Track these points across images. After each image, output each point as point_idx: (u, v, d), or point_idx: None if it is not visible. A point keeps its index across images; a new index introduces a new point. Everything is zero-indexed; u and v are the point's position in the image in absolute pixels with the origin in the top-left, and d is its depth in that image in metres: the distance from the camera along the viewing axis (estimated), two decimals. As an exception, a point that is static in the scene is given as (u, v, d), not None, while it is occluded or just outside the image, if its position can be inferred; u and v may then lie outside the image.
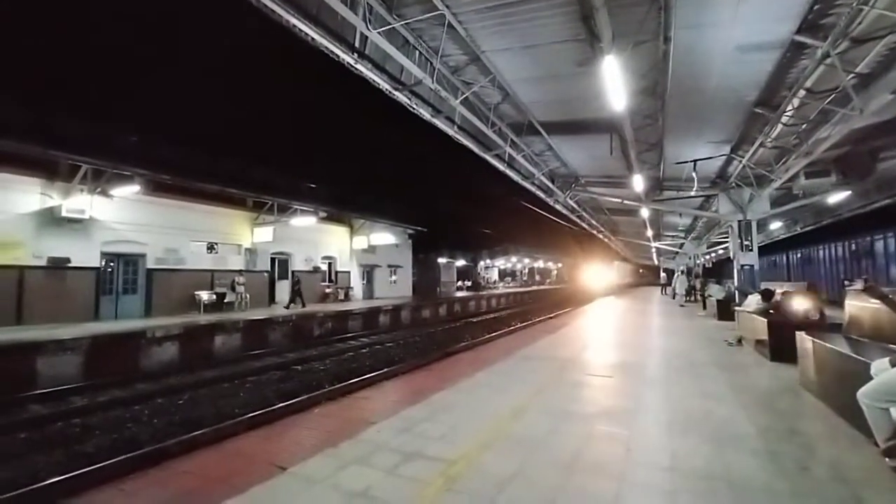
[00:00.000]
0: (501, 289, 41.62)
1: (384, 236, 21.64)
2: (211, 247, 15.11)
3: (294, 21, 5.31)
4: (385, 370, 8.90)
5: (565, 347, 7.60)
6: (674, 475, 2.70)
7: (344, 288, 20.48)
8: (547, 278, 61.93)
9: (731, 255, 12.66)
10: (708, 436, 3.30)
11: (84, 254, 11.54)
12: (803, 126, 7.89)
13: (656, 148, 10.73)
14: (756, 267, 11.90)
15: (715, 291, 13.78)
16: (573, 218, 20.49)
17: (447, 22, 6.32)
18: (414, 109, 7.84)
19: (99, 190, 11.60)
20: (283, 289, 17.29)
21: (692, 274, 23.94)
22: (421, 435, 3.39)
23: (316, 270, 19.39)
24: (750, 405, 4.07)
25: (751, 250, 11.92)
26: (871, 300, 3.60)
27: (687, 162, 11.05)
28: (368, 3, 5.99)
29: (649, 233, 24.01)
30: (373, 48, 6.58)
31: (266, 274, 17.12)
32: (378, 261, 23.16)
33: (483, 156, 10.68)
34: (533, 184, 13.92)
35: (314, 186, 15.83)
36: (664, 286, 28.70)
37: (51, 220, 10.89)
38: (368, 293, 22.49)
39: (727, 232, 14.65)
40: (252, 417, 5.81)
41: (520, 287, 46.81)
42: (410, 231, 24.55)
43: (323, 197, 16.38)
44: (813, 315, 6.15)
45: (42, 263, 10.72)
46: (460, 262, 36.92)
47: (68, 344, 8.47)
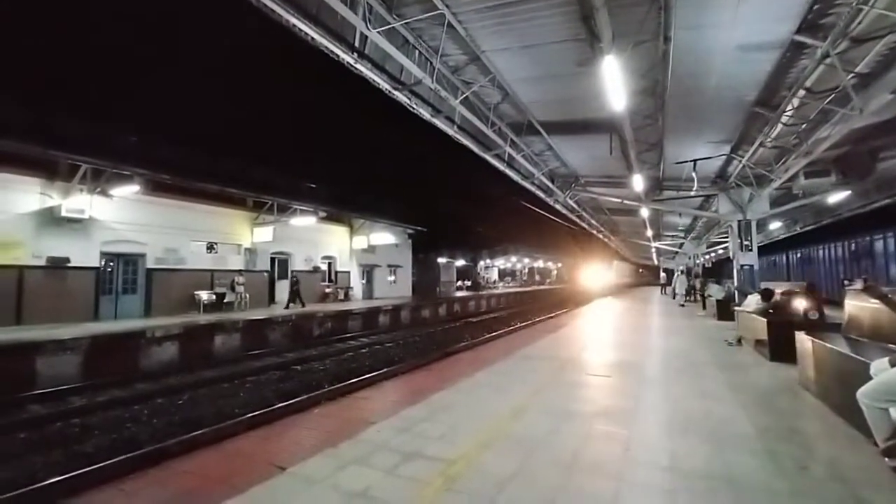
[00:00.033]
0: (501, 289, 41.62)
1: (384, 236, 21.65)
2: (211, 247, 15.11)
3: (294, 21, 5.31)
4: (385, 370, 8.89)
5: (565, 347, 7.60)
6: (673, 475, 2.70)
7: (344, 288, 20.47)
8: (547, 278, 61.92)
9: (731, 255, 12.67)
10: (707, 435, 3.31)
11: (83, 254, 11.53)
12: (803, 126, 7.89)
13: (656, 148, 10.74)
14: (756, 267, 11.91)
15: (714, 291, 13.78)
16: (573, 218, 20.50)
17: (447, 21, 6.32)
18: (414, 109, 7.85)
19: (98, 190, 11.59)
20: (283, 289, 17.28)
21: (692, 274, 23.95)
22: (420, 435, 3.39)
23: (316, 270, 19.39)
24: (749, 405, 4.07)
25: (750, 250, 11.93)
26: (871, 300, 3.61)
27: (687, 162, 11.06)
28: (368, 3, 6.00)
29: (649, 233, 24.03)
30: (372, 48, 6.58)
31: (266, 274, 17.11)
32: (378, 261, 23.16)
33: (483, 155, 10.68)
34: (533, 183, 13.92)
35: (314, 186, 15.83)
36: (664, 286, 28.71)
37: (50, 220, 10.89)
38: (368, 293, 22.49)
39: (727, 232, 14.66)
40: (252, 417, 5.80)
41: (519, 287, 46.81)
42: (410, 231, 24.54)
43: (323, 197, 16.38)
44: (812, 315, 6.15)
45: (41, 263, 10.72)
46: (460, 262, 36.90)
47: (68, 344, 8.46)
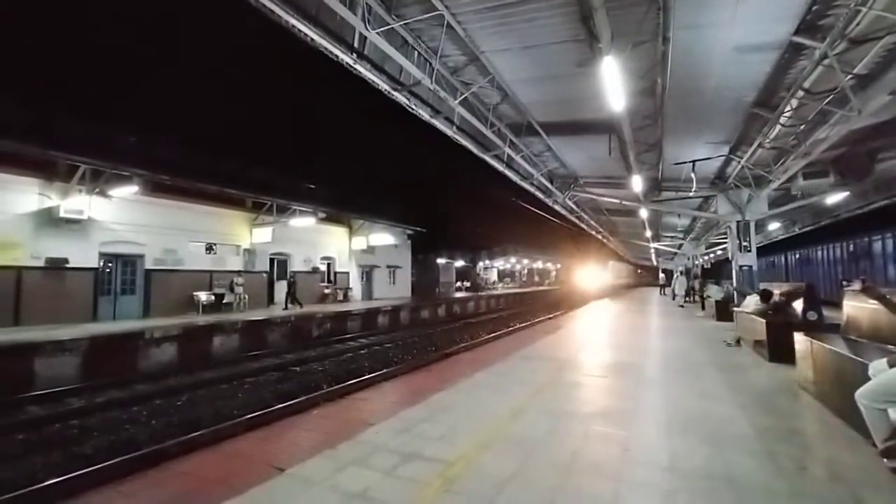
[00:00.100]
0: (500, 289, 41.63)
1: (383, 237, 21.64)
2: (209, 247, 15.10)
3: (293, 21, 5.31)
4: (384, 371, 8.89)
5: (564, 348, 7.60)
6: (672, 475, 2.70)
7: (343, 288, 20.47)
8: (546, 279, 61.95)
9: (730, 256, 12.67)
10: (706, 436, 3.31)
11: (82, 254, 11.52)
12: (802, 127, 7.90)
13: (655, 148, 10.75)
14: (754, 268, 11.92)
15: (713, 292, 13.80)
16: (572, 219, 20.52)
17: (446, 22, 6.32)
18: (413, 110, 7.85)
19: (97, 190, 11.59)
20: (282, 289, 17.24)
21: (691, 275, 23.97)
22: (420, 436, 3.39)
23: (315, 271, 19.38)
24: (748, 405, 4.07)
25: (749, 251, 11.94)
26: (869, 301, 3.61)
27: (686, 162, 11.07)
28: (367, 4, 6.00)
29: (648, 233, 24.04)
30: (372, 48, 6.58)
31: (265, 274, 17.11)
32: (377, 261, 23.15)
33: (482, 156, 10.69)
34: (532, 184, 13.93)
35: (313, 187, 15.81)
36: (663, 287, 28.73)
37: (49, 221, 10.88)
38: (367, 294, 22.48)
39: (726, 233, 14.67)
40: (250, 419, 5.80)
41: (519, 288, 46.83)
42: (409, 232, 24.54)
43: (322, 197, 16.37)
44: (811, 316, 6.15)
45: (40, 264, 10.70)
46: (459, 263, 36.89)
47: (66, 345, 8.45)
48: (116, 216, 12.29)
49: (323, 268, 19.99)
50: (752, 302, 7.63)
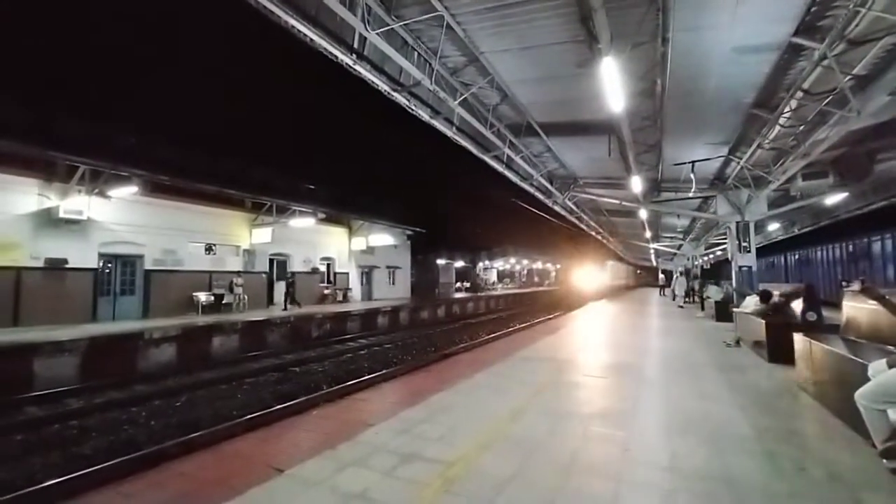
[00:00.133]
0: (500, 290, 41.62)
1: (383, 237, 21.64)
2: (209, 248, 15.09)
3: (293, 22, 5.32)
4: (383, 371, 8.89)
5: (564, 349, 7.60)
6: (672, 475, 2.70)
7: (342, 289, 20.46)
8: (546, 280, 61.95)
9: (730, 257, 12.68)
10: (706, 436, 3.31)
11: (82, 255, 11.51)
12: (801, 128, 7.91)
13: (655, 149, 10.76)
14: (754, 268, 11.93)
15: (713, 293, 13.82)
16: (571, 219, 20.52)
17: (446, 23, 6.33)
18: (413, 111, 7.85)
19: (97, 191, 11.58)
20: (282, 290, 17.25)
21: (690, 275, 23.99)
22: (419, 436, 3.38)
23: (314, 272, 19.37)
24: (748, 406, 4.07)
25: (749, 252, 11.95)
26: (869, 301, 3.61)
27: (685, 163, 11.09)
28: (367, 4, 6.00)
29: (648, 234, 24.06)
30: (371, 49, 6.59)
31: (264, 275, 17.10)
32: (377, 262, 23.15)
33: (482, 157, 10.69)
34: (531, 185, 13.93)
35: (313, 187, 15.81)
36: (662, 287, 28.73)
37: (48, 221, 10.87)
38: (367, 294, 22.48)
39: (725, 233, 14.69)
40: (250, 419, 5.80)
41: (518, 288, 46.82)
42: (409, 232, 24.54)
43: (322, 198, 16.37)
44: (810, 316, 6.15)
45: (39, 264, 10.69)
46: (459, 264, 36.87)
47: (65, 345, 8.44)
48: (116, 217, 12.28)
49: (322, 268, 19.98)
50: (752, 302, 7.64)
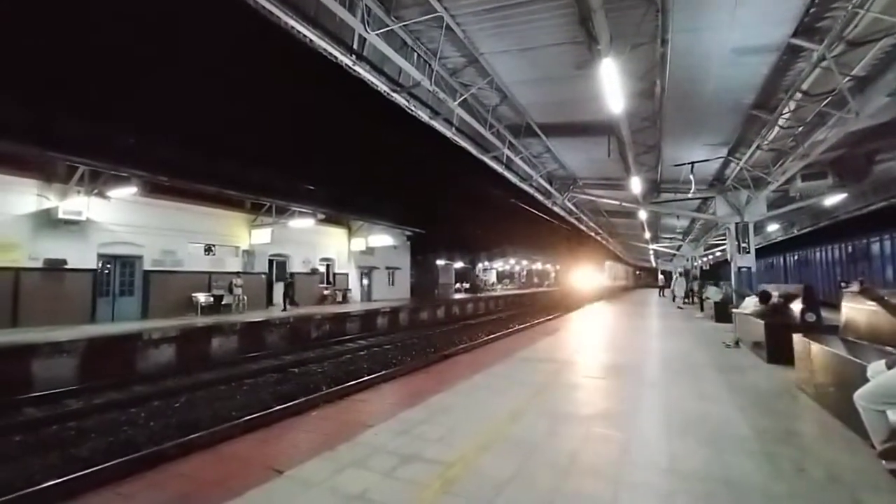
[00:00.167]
0: (499, 291, 41.62)
1: (382, 238, 21.64)
2: (208, 248, 15.08)
3: (292, 23, 5.32)
4: (383, 372, 8.88)
5: (563, 349, 7.60)
6: (671, 477, 2.70)
7: (342, 290, 20.45)
8: (545, 280, 61.96)
9: (729, 258, 12.69)
10: (705, 438, 3.31)
11: (81, 255, 11.50)
12: (800, 129, 7.93)
13: (654, 150, 10.77)
14: (753, 269, 11.94)
15: (712, 293, 13.81)
16: (571, 220, 20.54)
17: (445, 24, 6.34)
18: (412, 111, 7.86)
19: (96, 191, 11.57)
20: (281, 291, 17.26)
21: (690, 276, 24.01)
22: (419, 437, 3.38)
23: (314, 272, 19.36)
24: (747, 407, 4.07)
25: (748, 252, 11.96)
26: (868, 302, 3.61)
27: (684, 164, 11.10)
28: (367, 5, 6.00)
29: (647, 235, 24.08)
30: (371, 50, 6.59)
31: (264, 276, 17.09)
32: (376, 262, 23.14)
33: (481, 157, 10.70)
34: (531, 185, 13.94)
35: (313, 188, 15.80)
36: (662, 288, 28.74)
37: (47, 222, 10.86)
38: (366, 295, 22.47)
39: (724, 234, 14.70)
40: (249, 420, 5.79)
41: (518, 289, 46.82)
42: (408, 233, 24.54)
43: (322, 198, 16.36)
44: (810, 317, 6.16)
45: (38, 265, 10.68)
46: (458, 264, 36.88)
47: (64, 346, 8.43)
48: (115, 217, 12.27)
49: (322, 269, 19.98)
50: (751, 303, 7.64)
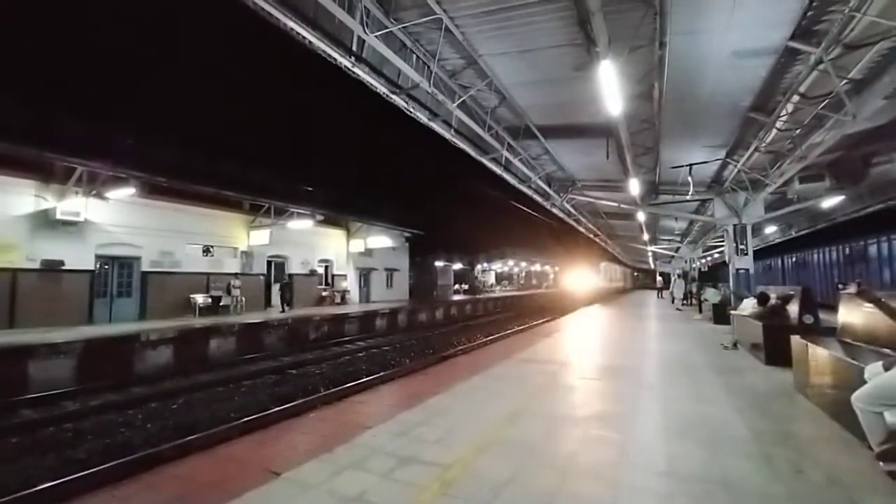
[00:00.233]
0: (498, 292, 41.61)
1: (381, 239, 21.62)
2: (206, 250, 15.04)
3: (291, 24, 5.32)
4: (381, 374, 8.87)
5: (561, 351, 7.60)
6: (669, 479, 2.70)
7: (340, 291, 20.42)
8: (544, 282, 61.98)
9: (727, 259, 12.71)
10: (703, 439, 3.31)
11: (78, 256, 11.46)
12: (797, 131, 7.95)
13: (652, 152, 10.80)
14: (751, 271, 11.94)
15: (711, 295, 13.83)
16: (570, 222, 20.55)
17: (444, 26, 6.34)
18: (411, 113, 7.86)
19: (94, 192, 11.53)
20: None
21: (688, 278, 24.06)
22: (417, 439, 3.38)
23: (312, 274, 19.34)
24: (745, 409, 4.08)
25: (746, 254, 11.97)
26: (865, 304, 3.63)
27: (683, 166, 11.12)
28: (366, 7, 6.01)
29: (645, 236, 24.11)
30: (370, 52, 6.60)
31: (262, 277, 17.05)
32: (375, 264, 23.12)
33: (480, 159, 10.70)
34: (529, 187, 13.95)
35: (312, 189, 15.81)
36: (660, 290, 28.79)
37: (45, 223, 10.82)
38: (365, 296, 22.44)
39: (722, 236, 14.72)
40: (246, 422, 5.77)
41: (517, 291, 46.82)
42: (407, 234, 24.54)
43: (320, 200, 16.36)
44: (807, 319, 6.17)
45: (36, 266, 10.64)
46: (457, 266, 36.86)
47: (61, 347, 8.39)
48: (113, 218, 12.24)
49: (321, 270, 19.95)
50: (749, 305, 7.65)
